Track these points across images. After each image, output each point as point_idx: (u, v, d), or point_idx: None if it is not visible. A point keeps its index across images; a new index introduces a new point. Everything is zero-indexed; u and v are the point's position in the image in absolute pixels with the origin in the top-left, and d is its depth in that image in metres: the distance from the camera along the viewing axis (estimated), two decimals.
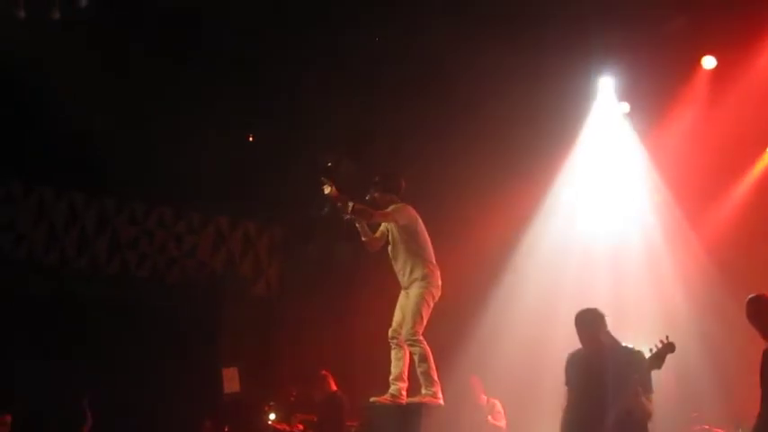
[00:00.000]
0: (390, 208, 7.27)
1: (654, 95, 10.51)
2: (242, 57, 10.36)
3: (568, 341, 6.37)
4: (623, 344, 6.13)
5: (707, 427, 9.21)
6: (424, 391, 7.28)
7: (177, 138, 10.52)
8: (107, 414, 9.72)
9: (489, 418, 9.95)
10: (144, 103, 10.14)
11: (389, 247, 7.37)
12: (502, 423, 10.02)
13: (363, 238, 7.36)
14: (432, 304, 7.32)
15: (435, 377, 7.28)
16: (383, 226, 7.42)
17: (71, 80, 9.37)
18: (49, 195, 10.84)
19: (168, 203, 11.57)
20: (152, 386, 10.37)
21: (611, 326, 6.11)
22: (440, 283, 7.38)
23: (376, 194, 7.41)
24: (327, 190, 7.04)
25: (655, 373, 5.81)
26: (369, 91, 11.02)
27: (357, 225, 7.28)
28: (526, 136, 10.89)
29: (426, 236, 7.44)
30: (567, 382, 6.24)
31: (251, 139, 11.90)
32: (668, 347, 5.68)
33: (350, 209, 6.98)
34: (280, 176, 11.64)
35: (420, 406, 7.23)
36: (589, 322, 6.08)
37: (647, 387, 5.84)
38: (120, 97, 10.00)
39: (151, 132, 10.55)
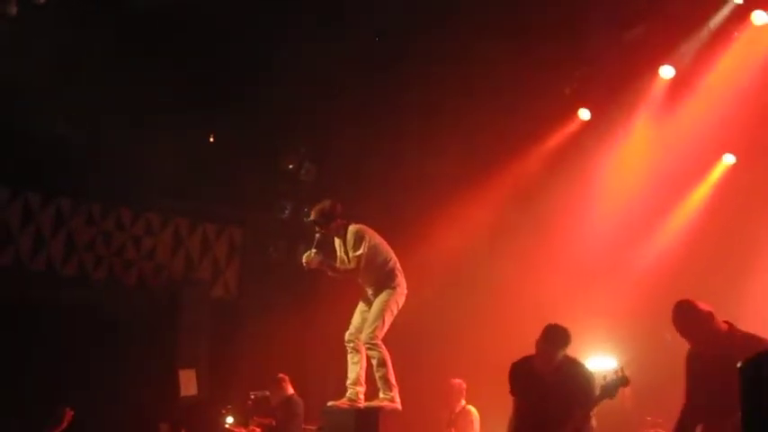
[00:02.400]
0: (350, 242, 7.38)
1: (614, 103, 10.61)
2: (202, 57, 10.29)
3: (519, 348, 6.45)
4: (580, 362, 6.24)
5: (661, 431, 9.30)
6: (381, 395, 7.31)
7: (136, 138, 10.41)
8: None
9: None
10: (102, 102, 10.02)
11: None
12: None
13: (331, 274, 7.56)
14: (395, 312, 7.37)
15: (393, 381, 7.31)
16: (340, 254, 7.51)
17: (26, 80, 9.22)
18: (3, 196, 10.64)
19: (126, 204, 11.43)
20: (108, 388, 10.25)
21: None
22: (406, 291, 7.43)
23: (323, 231, 7.44)
24: (310, 257, 7.32)
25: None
26: (331, 93, 11.01)
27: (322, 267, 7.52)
28: (489, 140, 10.98)
29: (386, 245, 7.49)
30: (512, 392, 6.34)
31: (211, 139, 11.82)
32: (622, 381, 5.72)
33: (331, 272, 7.50)
34: (239, 178, 11.58)
35: (378, 410, 7.25)
36: (556, 339, 6.13)
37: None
38: (77, 97, 9.86)
39: (109, 132, 10.42)
